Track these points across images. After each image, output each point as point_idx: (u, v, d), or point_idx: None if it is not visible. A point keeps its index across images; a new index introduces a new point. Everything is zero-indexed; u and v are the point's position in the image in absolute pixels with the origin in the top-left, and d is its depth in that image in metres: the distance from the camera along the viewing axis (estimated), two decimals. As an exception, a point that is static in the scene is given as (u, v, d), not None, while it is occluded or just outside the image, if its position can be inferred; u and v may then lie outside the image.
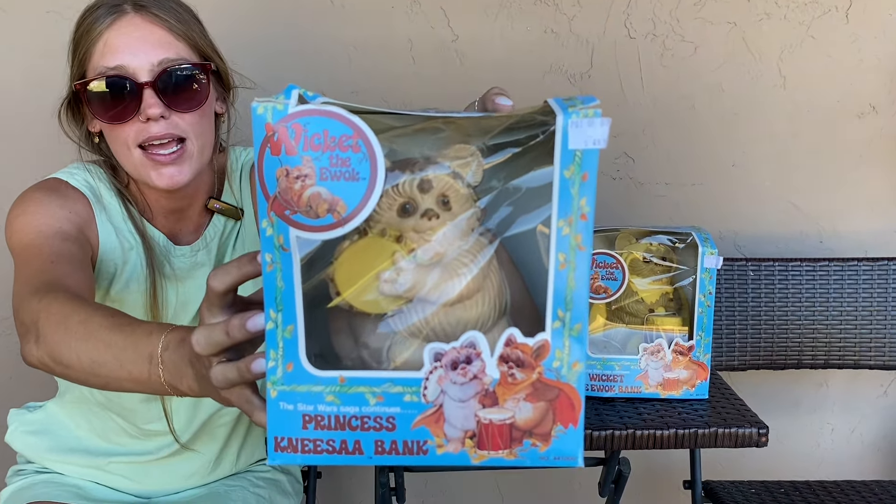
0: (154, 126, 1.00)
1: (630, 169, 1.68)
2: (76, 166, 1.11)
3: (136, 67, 1.00)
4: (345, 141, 0.55)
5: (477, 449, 0.58)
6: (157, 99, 1.00)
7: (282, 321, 0.56)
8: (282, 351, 0.57)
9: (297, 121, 0.54)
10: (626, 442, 1.03)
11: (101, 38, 1.00)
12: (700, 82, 1.63)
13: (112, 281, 1.10)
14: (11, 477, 1.21)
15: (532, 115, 0.59)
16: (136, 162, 1.03)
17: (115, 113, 1.01)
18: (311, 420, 0.58)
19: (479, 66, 1.60)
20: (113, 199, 1.10)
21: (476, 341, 0.57)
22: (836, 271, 1.61)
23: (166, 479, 1.19)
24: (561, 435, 0.59)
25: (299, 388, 0.57)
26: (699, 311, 1.08)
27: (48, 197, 1.03)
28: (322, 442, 0.58)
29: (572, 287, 0.57)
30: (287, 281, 0.56)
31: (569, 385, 0.58)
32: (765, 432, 1.05)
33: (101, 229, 1.08)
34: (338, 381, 0.57)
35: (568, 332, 0.57)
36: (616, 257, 1.08)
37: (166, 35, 1.01)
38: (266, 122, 0.54)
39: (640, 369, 1.10)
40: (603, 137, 0.56)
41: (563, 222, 0.56)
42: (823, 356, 1.62)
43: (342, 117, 0.55)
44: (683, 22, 1.61)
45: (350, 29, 1.58)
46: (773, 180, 1.69)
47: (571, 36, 1.61)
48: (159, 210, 1.12)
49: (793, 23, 1.61)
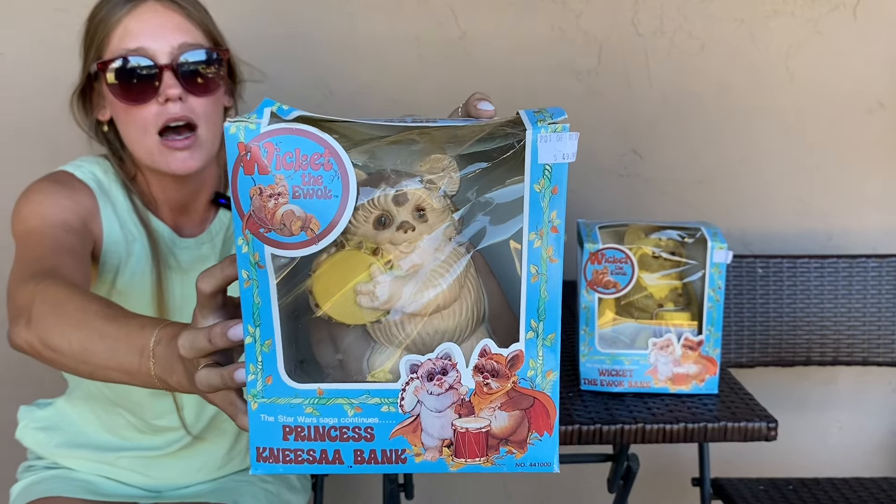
0: (172, 107, 1.02)
1: (637, 166, 1.67)
2: (84, 159, 1.13)
3: (157, 50, 1.02)
4: (316, 159, 0.56)
5: (454, 457, 0.60)
6: (175, 80, 1.02)
7: (260, 336, 0.58)
8: (261, 365, 0.58)
9: (269, 140, 0.55)
10: (636, 436, 1.03)
11: (119, 24, 1.02)
12: (708, 79, 1.63)
13: (117, 273, 1.11)
14: (22, 472, 1.22)
15: (503, 127, 0.60)
16: (152, 147, 1.04)
17: (134, 94, 1.03)
18: (292, 431, 0.59)
19: (486, 63, 1.60)
20: (119, 191, 1.11)
21: (451, 352, 0.59)
22: (844, 268, 1.61)
23: (175, 473, 1.20)
24: (536, 442, 0.60)
25: (279, 400, 0.59)
26: (708, 305, 1.08)
27: (55, 188, 1.05)
28: (303, 452, 0.60)
29: (545, 298, 0.58)
30: (264, 297, 0.57)
31: (543, 394, 0.59)
32: (774, 426, 1.05)
33: (106, 222, 1.09)
34: (316, 393, 0.59)
35: (541, 342, 0.59)
36: (625, 252, 1.08)
37: (184, 21, 1.04)
38: (238, 140, 0.54)
39: (649, 364, 1.10)
40: (572, 151, 0.57)
41: (535, 235, 0.58)
42: (832, 353, 1.61)
43: (314, 136, 0.56)
44: (691, 18, 1.60)
45: (357, 25, 1.58)
46: (781, 177, 1.69)
47: (579, 32, 1.61)
48: (165, 202, 1.13)
49: (801, 19, 1.61)
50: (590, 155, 1.66)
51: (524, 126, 0.57)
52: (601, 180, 1.68)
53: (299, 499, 1.27)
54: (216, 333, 0.60)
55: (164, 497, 1.20)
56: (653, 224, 1.14)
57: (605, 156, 1.67)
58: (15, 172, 1.57)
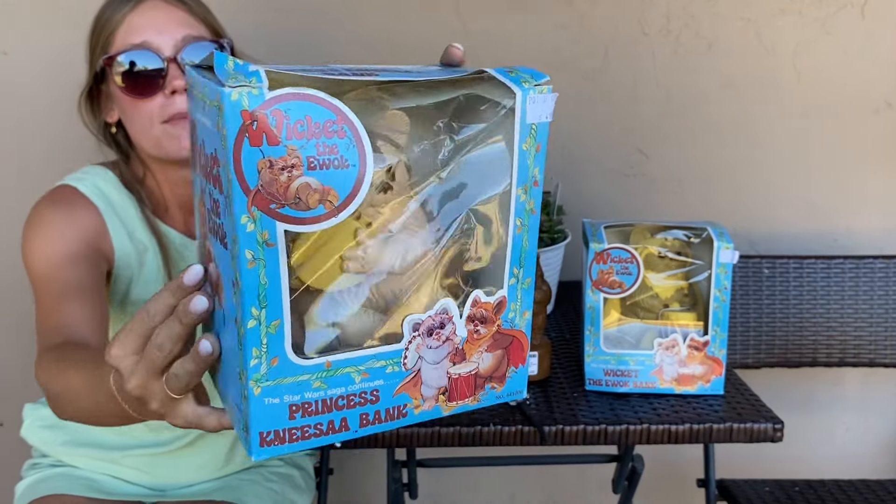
0: (179, 100, 1.03)
1: (643, 165, 1.67)
2: (87, 170, 1.12)
3: (161, 43, 1.03)
4: (329, 126, 0.53)
5: (447, 401, 0.64)
6: (181, 72, 1.03)
7: (265, 318, 0.55)
8: (265, 347, 0.56)
9: (276, 107, 0.51)
10: (641, 437, 1.03)
11: (123, 22, 1.04)
12: (714, 78, 1.63)
13: (130, 284, 1.11)
14: (27, 470, 1.22)
15: (470, 83, 0.61)
16: (159, 136, 1.05)
17: (140, 88, 1.03)
18: (298, 409, 0.58)
19: (491, 62, 1.60)
20: (126, 201, 1.11)
21: (448, 307, 0.61)
22: (851, 269, 1.60)
23: (180, 471, 1.20)
24: (513, 375, 0.67)
25: (285, 380, 0.57)
26: (714, 305, 1.08)
27: (57, 215, 1.04)
28: (310, 427, 0.59)
29: (526, 247, 0.64)
30: (272, 277, 0.54)
31: (520, 331, 0.66)
32: (780, 427, 1.04)
33: (115, 238, 1.08)
34: (324, 366, 0.58)
35: (521, 286, 0.65)
36: (631, 252, 1.07)
37: (187, 16, 1.06)
38: (242, 108, 0.50)
39: (654, 364, 1.09)
40: (551, 111, 0.62)
41: (521, 190, 0.62)
42: (838, 354, 1.60)
43: (324, 101, 0.53)
44: (698, 17, 1.60)
45: (361, 23, 1.58)
46: (787, 177, 1.68)
47: (584, 32, 1.60)
48: (176, 202, 1.13)
49: (808, 19, 1.60)
50: (595, 154, 1.66)
51: (501, 88, 0.60)
52: (607, 180, 1.67)
53: (304, 498, 1.27)
54: (182, 312, 0.57)
55: (169, 496, 1.20)
56: (659, 224, 1.14)
57: (611, 155, 1.66)
58: (19, 171, 1.58)
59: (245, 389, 0.56)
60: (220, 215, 0.55)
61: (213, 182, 0.55)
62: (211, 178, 0.56)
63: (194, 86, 0.58)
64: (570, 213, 1.58)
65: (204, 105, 0.55)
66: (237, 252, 0.53)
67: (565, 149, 1.64)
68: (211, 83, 0.53)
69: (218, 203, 0.55)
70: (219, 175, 0.53)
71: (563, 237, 1.42)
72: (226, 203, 0.53)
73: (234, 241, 0.53)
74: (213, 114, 0.52)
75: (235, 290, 0.54)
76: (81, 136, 1.14)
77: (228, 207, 0.52)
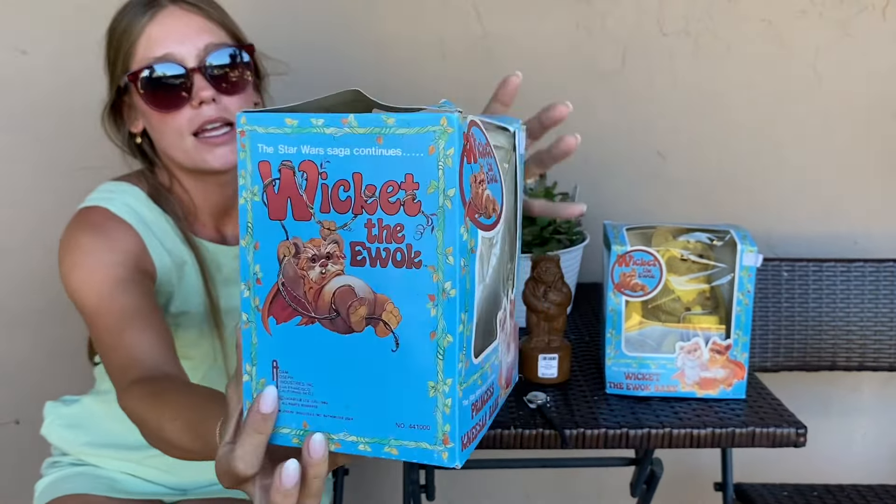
0: (206, 109, 1.02)
1: (661, 167, 1.66)
2: (110, 188, 1.09)
3: (184, 54, 1.01)
4: (486, 148, 0.60)
5: (505, 388, 0.73)
6: (206, 83, 1.02)
7: (467, 321, 0.58)
8: (464, 351, 0.58)
9: (472, 130, 0.57)
10: (663, 441, 1.02)
11: (143, 34, 1.02)
12: (733, 80, 1.62)
13: (170, 299, 1.10)
14: (47, 468, 1.22)
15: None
16: (189, 148, 1.04)
17: (166, 102, 1.02)
18: (474, 408, 0.61)
19: (510, 62, 1.59)
20: (158, 216, 1.09)
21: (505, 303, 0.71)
22: (871, 272, 1.59)
23: (203, 471, 1.20)
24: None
25: (469, 381, 0.60)
26: (737, 309, 1.07)
27: (95, 241, 1.01)
28: (477, 425, 0.62)
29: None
30: (472, 282, 0.58)
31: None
32: (803, 432, 1.03)
33: (155, 255, 1.07)
34: (482, 364, 0.63)
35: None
36: (654, 255, 1.07)
37: (206, 22, 1.04)
38: (464, 132, 0.55)
39: (676, 368, 1.09)
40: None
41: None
42: (858, 358, 1.59)
43: (479, 125, 0.59)
44: (717, 19, 1.59)
45: (380, 24, 1.58)
46: (806, 179, 1.67)
47: (603, 32, 1.60)
48: (206, 209, 1.12)
49: (829, 21, 1.59)
50: (612, 156, 1.65)
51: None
52: (624, 182, 1.67)
53: (322, 499, 1.27)
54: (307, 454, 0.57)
55: (190, 494, 1.20)
56: (681, 226, 1.13)
57: (628, 157, 1.66)
58: (37, 172, 1.59)
59: (446, 399, 0.57)
60: (405, 238, 0.56)
61: (387, 209, 0.56)
62: (382, 206, 0.56)
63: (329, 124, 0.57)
64: (588, 216, 1.57)
65: (366, 138, 0.56)
66: (448, 264, 0.55)
67: (582, 151, 1.63)
68: (400, 114, 0.56)
69: (401, 226, 0.56)
70: (411, 199, 0.55)
71: (581, 239, 1.42)
72: (427, 222, 0.55)
73: (443, 255, 0.55)
74: (409, 141, 0.55)
75: (433, 304, 0.56)
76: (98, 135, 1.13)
77: (439, 224, 0.55)
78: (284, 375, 0.59)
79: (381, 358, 0.57)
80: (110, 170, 1.17)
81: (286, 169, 0.56)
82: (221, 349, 1.12)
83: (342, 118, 0.56)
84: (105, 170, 1.21)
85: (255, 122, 0.57)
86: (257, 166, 0.56)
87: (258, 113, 0.57)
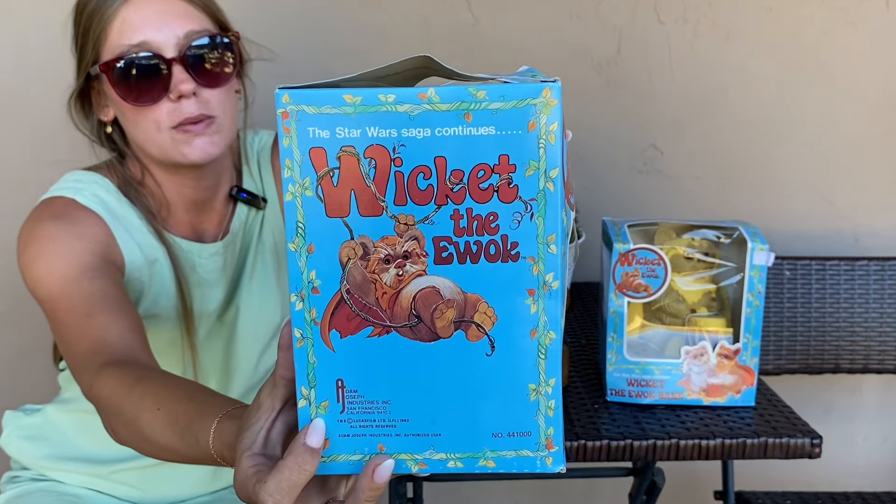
0: (186, 104, 0.93)
1: (658, 161, 1.60)
2: (77, 177, 1.01)
3: (162, 42, 0.92)
4: None
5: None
6: (186, 74, 0.93)
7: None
8: None
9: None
10: (670, 453, 0.95)
11: (116, 17, 0.92)
12: (733, 70, 1.56)
13: (140, 296, 1.01)
14: (5, 484, 1.14)
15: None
16: (167, 142, 0.95)
17: (142, 95, 0.93)
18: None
19: (500, 51, 1.52)
20: (128, 209, 1.00)
21: None
22: (875, 271, 1.53)
23: (171, 486, 1.12)
24: None
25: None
26: (747, 311, 1.00)
27: (59, 229, 0.93)
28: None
29: None
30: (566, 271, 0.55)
31: None
32: (818, 443, 0.97)
33: (124, 248, 0.98)
34: None
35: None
36: (658, 253, 1.00)
37: (186, 6, 0.95)
38: (559, 101, 0.51)
39: (681, 374, 1.02)
40: None
41: None
42: (862, 360, 1.54)
43: None
44: (716, 6, 1.53)
45: (366, 11, 1.51)
46: (808, 174, 1.61)
47: (597, 21, 1.53)
48: (182, 205, 1.04)
49: (831, 8, 1.54)
50: (608, 150, 1.59)
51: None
52: (619, 177, 1.60)
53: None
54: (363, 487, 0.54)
55: (159, 512, 1.12)
56: (685, 223, 1.07)
57: (624, 151, 1.59)
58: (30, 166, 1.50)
59: (549, 400, 0.53)
60: (500, 229, 0.50)
61: (477, 197, 0.50)
62: (471, 193, 0.50)
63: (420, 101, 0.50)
64: (582, 211, 1.50)
65: (451, 116, 0.49)
66: (550, 254, 0.51)
67: (576, 144, 1.57)
68: (493, 84, 0.49)
69: (495, 216, 0.50)
70: (506, 184, 0.50)
71: (576, 236, 1.35)
72: (525, 209, 0.50)
73: (545, 244, 0.50)
74: (504, 117, 0.49)
75: (533, 299, 0.51)
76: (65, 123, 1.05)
77: (539, 210, 0.50)
78: (353, 395, 0.53)
79: (473, 364, 0.52)
80: (76, 164, 1.08)
81: (347, 156, 0.49)
82: (192, 358, 1.04)
83: (419, 93, 0.48)
84: (69, 163, 1.13)
85: (304, 101, 0.48)
86: (308, 154, 0.48)
87: (306, 90, 0.49)
